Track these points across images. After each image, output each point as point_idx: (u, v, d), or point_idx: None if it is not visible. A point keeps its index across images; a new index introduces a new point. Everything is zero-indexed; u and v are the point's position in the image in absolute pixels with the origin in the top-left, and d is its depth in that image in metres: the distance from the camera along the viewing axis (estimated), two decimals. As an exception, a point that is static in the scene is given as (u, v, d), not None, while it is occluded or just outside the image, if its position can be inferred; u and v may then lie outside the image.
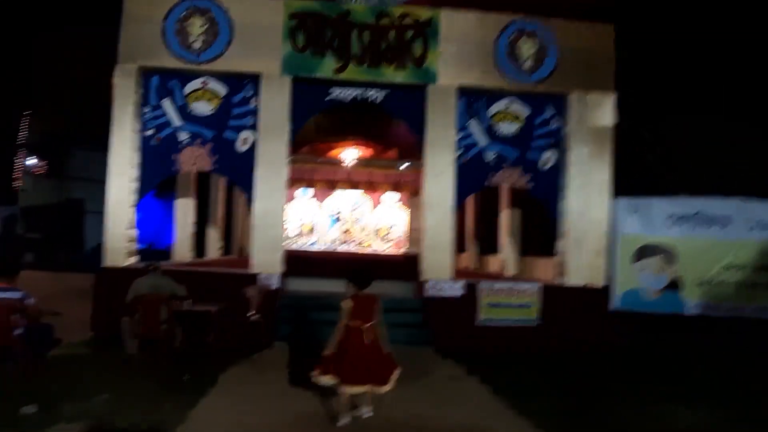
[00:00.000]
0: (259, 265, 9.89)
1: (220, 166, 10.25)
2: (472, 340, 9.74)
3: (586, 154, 10.33)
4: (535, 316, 10.05)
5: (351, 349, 5.79)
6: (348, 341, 5.80)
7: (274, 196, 10.01)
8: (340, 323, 5.81)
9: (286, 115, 10.10)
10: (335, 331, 5.85)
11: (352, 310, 5.79)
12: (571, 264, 10.25)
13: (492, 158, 10.50)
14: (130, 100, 9.94)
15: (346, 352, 5.77)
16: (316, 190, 19.43)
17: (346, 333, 5.80)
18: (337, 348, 5.79)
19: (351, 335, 5.80)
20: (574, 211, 10.29)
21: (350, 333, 5.81)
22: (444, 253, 10.16)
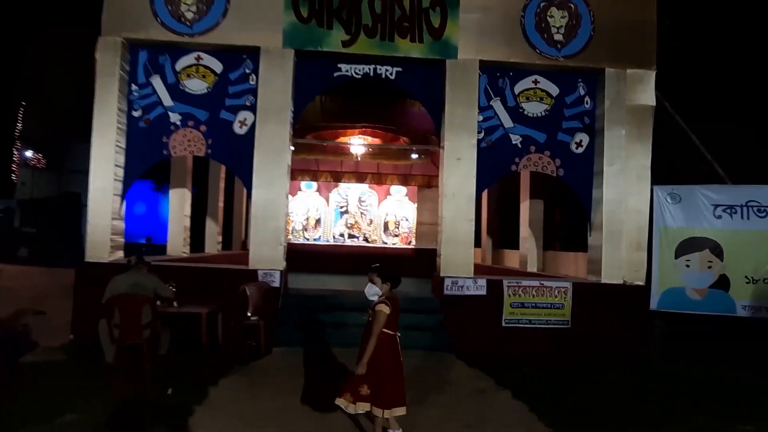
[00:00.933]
0: (258, 260, 8.68)
1: (215, 151, 9.03)
2: (496, 344, 8.52)
3: (624, 137, 9.06)
4: (567, 317, 8.83)
5: (388, 364, 4.65)
6: (384, 355, 4.63)
7: (275, 185, 8.78)
8: (374, 332, 4.59)
9: (289, 93, 8.86)
10: (365, 342, 4.65)
11: (390, 317, 4.63)
12: (606, 259, 8.99)
13: (517, 141, 9.24)
14: (115, 78, 8.71)
15: (383, 368, 4.62)
16: (321, 183, 18.29)
17: (382, 344, 4.61)
18: (373, 365, 4.59)
19: (387, 346, 4.65)
20: (610, 201, 9.02)
21: (386, 344, 4.64)
22: (464, 247, 8.91)
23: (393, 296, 4.75)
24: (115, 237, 8.82)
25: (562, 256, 11.33)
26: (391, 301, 4.68)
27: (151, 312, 6.57)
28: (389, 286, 4.75)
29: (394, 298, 4.73)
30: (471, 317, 8.65)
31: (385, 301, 4.66)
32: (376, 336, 4.58)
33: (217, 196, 13.67)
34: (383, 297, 4.71)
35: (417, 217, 18.51)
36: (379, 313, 4.61)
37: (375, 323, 4.61)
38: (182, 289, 7.57)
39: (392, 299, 4.70)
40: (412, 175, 17.97)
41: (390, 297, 4.72)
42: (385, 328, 4.63)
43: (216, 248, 13.64)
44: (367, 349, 4.56)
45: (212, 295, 8.05)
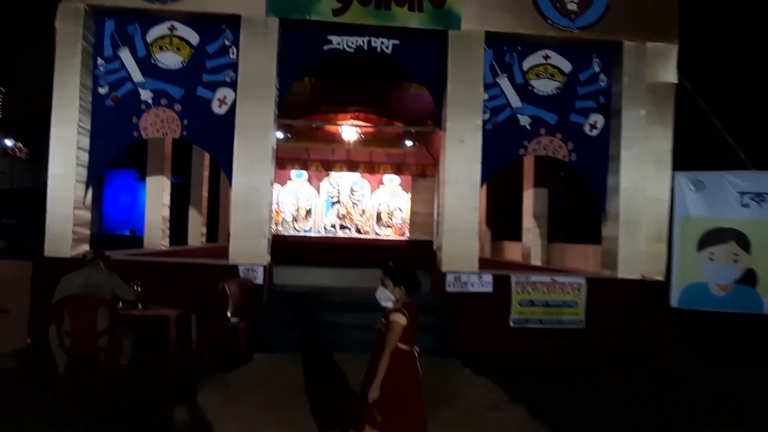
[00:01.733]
0: (239, 254, 7.58)
1: (191, 132, 7.88)
2: (504, 347, 7.50)
3: (643, 118, 8.02)
4: (581, 316, 7.81)
5: (405, 386, 3.63)
6: (400, 375, 3.58)
7: (257, 169, 7.66)
8: (387, 347, 3.54)
9: (273, 68, 7.73)
10: (376, 358, 3.58)
11: (408, 328, 3.59)
12: (623, 252, 7.97)
13: (526, 123, 8.18)
14: (77, 50, 7.55)
15: (399, 392, 3.59)
16: (312, 172, 17.18)
17: (397, 362, 3.56)
18: (386, 388, 3.54)
19: (403, 365, 3.60)
20: (628, 188, 7.99)
21: (402, 361, 3.59)
22: (468, 239, 7.86)
23: (410, 303, 3.68)
24: (78, 229, 7.68)
25: (569, 249, 10.33)
26: (408, 309, 3.62)
27: (109, 316, 5.46)
28: (403, 291, 3.70)
29: (412, 306, 3.67)
30: (476, 317, 7.61)
31: (401, 310, 3.59)
32: (390, 352, 3.53)
33: (201, 185, 12.54)
34: (398, 304, 3.66)
35: (411, 208, 17.48)
36: (395, 324, 3.55)
37: (389, 337, 3.54)
38: (153, 287, 6.46)
39: (409, 307, 3.64)
40: (406, 163, 16.92)
41: (406, 304, 3.65)
42: (400, 342, 3.58)
43: (200, 241, 12.54)
44: (380, 369, 3.49)
45: (187, 294, 6.97)
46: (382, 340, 3.59)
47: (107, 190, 23.97)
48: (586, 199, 9.49)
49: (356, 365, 6.60)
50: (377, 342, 3.68)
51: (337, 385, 5.92)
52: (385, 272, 3.78)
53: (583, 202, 9.72)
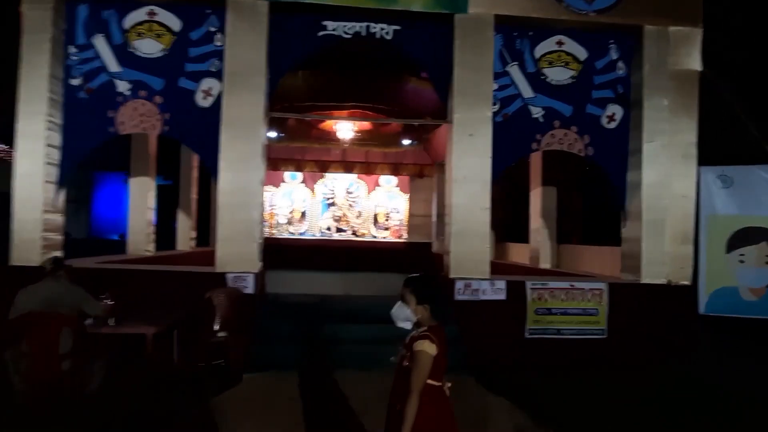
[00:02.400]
0: (226, 261, 6.73)
1: (173, 127, 7.03)
2: (518, 360, 6.72)
3: (666, 108, 7.25)
4: (603, 325, 7.02)
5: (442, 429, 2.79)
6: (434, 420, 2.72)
7: (246, 167, 6.83)
8: (414, 386, 2.67)
9: (263, 56, 6.90)
10: (399, 398, 2.73)
11: (437, 360, 2.73)
12: (647, 255, 7.18)
13: (539, 114, 7.39)
14: (46, 36, 6.71)
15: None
16: (306, 173, 16.33)
17: (427, 403, 2.69)
18: None
19: (432, 404, 2.72)
20: (651, 185, 7.21)
21: (431, 399, 2.71)
22: (479, 242, 7.04)
23: (437, 326, 2.82)
24: (49, 234, 6.82)
25: (582, 251, 9.54)
26: (436, 334, 2.76)
27: (73, 336, 4.62)
28: (428, 311, 2.85)
29: (440, 330, 2.81)
30: (488, 328, 6.80)
31: (429, 337, 2.72)
32: (418, 391, 2.66)
33: (189, 186, 11.66)
34: (424, 329, 2.79)
35: (409, 209, 16.65)
36: (422, 355, 2.67)
37: (416, 372, 2.67)
38: (129, 299, 5.64)
39: (437, 331, 2.78)
40: (404, 164, 16.08)
41: (434, 328, 2.80)
42: (429, 377, 2.72)
43: (190, 245, 11.66)
44: (407, 418, 2.62)
45: (168, 307, 6.14)
46: (405, 377, 2.72)
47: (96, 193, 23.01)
48: (599, 197, 8.73)
49: (358, 384, 5.82)
50: (398, 378, 2.81)
51: (339, 408, 5.10)
52: (407, 284, 2.94)
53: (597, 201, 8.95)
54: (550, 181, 9.97)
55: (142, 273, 6.80)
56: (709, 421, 5.14)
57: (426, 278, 2.97)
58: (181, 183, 11.68)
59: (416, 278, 2.96)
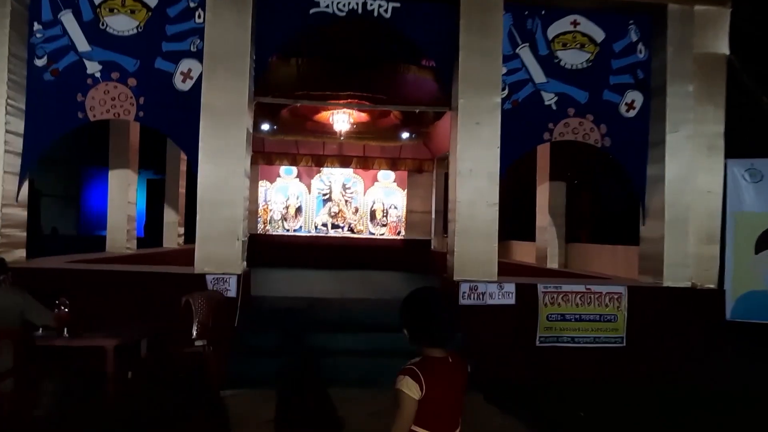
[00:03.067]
0: (206, 261, 5.94)
1: (149, 113, 6.24)
2: (529, 371, 5.98)
3: (691, 95, 6.50)
4: (621, 332, 6.28)
5: None
6: None
7: (229, 158, 6.04)
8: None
9: (248, 35, 6.10)
10: None
11: (426, 403, 1.99)
12: (669, 255, 6.43)
13: (552, 101, 6.62)
14: (6, 11, 5.92)
15: None
16: (302, 168, 15.55)
17: None
18: None
19: None
20: (675, 179, 6.46)
21: None
22: (486, 241, 6.27)
23: (433, 358, 2.08)
24: (10, 231, 6.03)
25: (593, 251, 8.79)
26: (427, 368, 2.02)
27: (13, 351, 3.85)
28: (431, 343, 2.10)
29: (437, 363, 2.07)
30: (496, 336, 6.05)
31: (409, 371, 2.00)
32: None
33: (177, 180, 10.87)
34: (414, 361, 2.06)
35: (407, 205, 15.89)
36: (398, 395, 1.98)
37: (395, 417, 1.98)
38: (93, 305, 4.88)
39: (430, 365, 2.04)
40: (402, 158, 15.33)
41: (429, 360, 2.06)
42: (417, 425, 1.98)
43: (177, 242, 10.87)
44: None
45: (139, 313, 5.39)
46: None
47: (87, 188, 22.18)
48: (611, 193, 7.98)
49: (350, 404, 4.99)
50: None
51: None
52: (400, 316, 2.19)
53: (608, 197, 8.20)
54: (559, 175, 9.20)
55: (111, 274, 6.01)
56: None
57: (413, 295, 2.18)
58: (168, 176, 10.90)
59: (404, 309, 2.18)
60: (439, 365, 2.03)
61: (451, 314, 2.18)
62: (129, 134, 8.58)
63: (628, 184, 7.07)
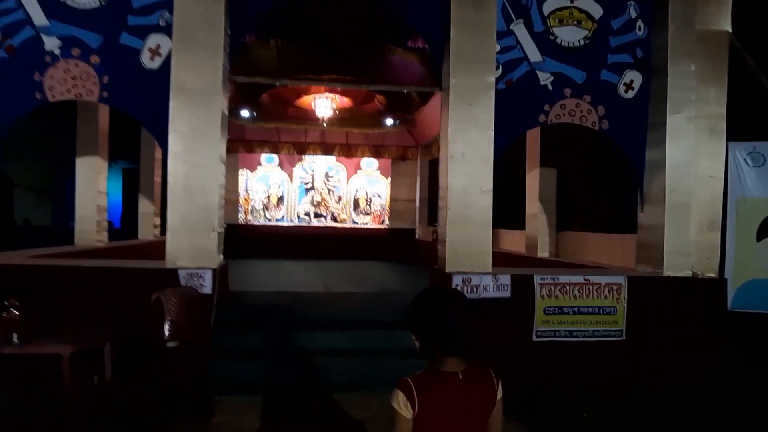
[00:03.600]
0: (178, 255, 5.40)
1: (114, 93, 5.64)
2: (526, 368, 5.53)
3: (693, 75, 6.08)
4: (621, 325, 5.89)
5: None
6: None
7: (202, 142, 5.48)
8: None
9: (221, 7, 5.53)
10: None
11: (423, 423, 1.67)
12: (670, 244, 6.05)
13: (547, 81, 6.15)
14: (-49, -21, 5.28)
15: None
16: (283, 156, 14.96)
17: None
18: None
19: None
20: (676, 163, 6.05)
21: None
22: (480, 230, 5.80)
23: (451, 374, 1.72)
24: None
25: (585, 239, 8.40)
26: (424, 382, 1.71)
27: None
28: (441, 353, 1.73)
29: (442, 377, 1.72)
30: (490, 331, 5.60)
31: (403, 384, 1.70)
32: None
33: (152, 169, 10.23)
34: (416, 372, 1.73)
35: (391, 194, 15.43)
36: (392, 411, 1.71)
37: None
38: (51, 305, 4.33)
39: (428, 379, 1.72)
40: (386, 146, 14.83)
41: (432, 373, 1.73)
42: None
43: (153, 234, 10.26)
44: None
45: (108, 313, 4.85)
46: None
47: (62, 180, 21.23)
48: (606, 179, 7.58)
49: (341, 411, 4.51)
50: None
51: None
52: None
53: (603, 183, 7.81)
54: (549, 160, 8.78)
55: (72, 270, 5.42)
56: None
57: (421, 296, 1.81)
58: (143, 164, 10.26)
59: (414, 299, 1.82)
60: (445, 380, 1.69)
61: (465, 317, 1.75)
62: (98, 118, 7.94)
63: (623, 169, 6.67)
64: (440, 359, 1.69)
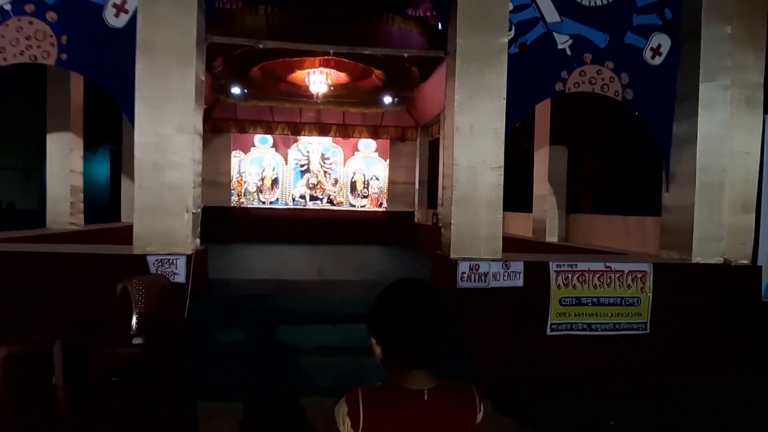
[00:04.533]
0: (146, 239, 4.68)
1: (73, 55, 4.87)
2: (539, 365, 4.89)
3: (728, 39, 5.32)
4: (645, 317, 5.20)
5: None
6: None
7: (175, 111, 4.72)
8: None
9: (197, -44, 4.76)
10: None
11: None
12: (700, 227, 5.33)
13: (566, 45, 5.40)
14: None
15: None
16: (278, 136, 14.17)
17: None
18: None
19: None
20: (708, 137, 5.32)
21: None
22: (489, 212, 5.08)
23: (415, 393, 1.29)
24: None
25: (599, 222, 7.67)
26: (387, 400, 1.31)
27: None
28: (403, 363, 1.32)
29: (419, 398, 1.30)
30: (500, 325, 4.92)
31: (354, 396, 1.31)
32: None
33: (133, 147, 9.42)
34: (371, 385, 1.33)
35: (389, 176, 14.69)
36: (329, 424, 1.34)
37: None
38: (5, 298, 3.62)
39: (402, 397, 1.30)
40: (383, 126, 14.06)
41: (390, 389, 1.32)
42: None
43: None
44: None
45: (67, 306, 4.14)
46: None
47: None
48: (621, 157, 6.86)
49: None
50: None
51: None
52: None
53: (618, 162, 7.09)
54: (560, 137, 8.02)
55: (26, 257, 4.68)
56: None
57: (387, 291, 1.39)
58: (124, 144, 9.49)
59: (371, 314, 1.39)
60: (404, 399, 1.31)
61: (443, 322, 1.30)
62: (70, 89, 7.16)
63: (641, 145, 5.95)
64: (402, 372, 1.32)
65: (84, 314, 4.23)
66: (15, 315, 3.97)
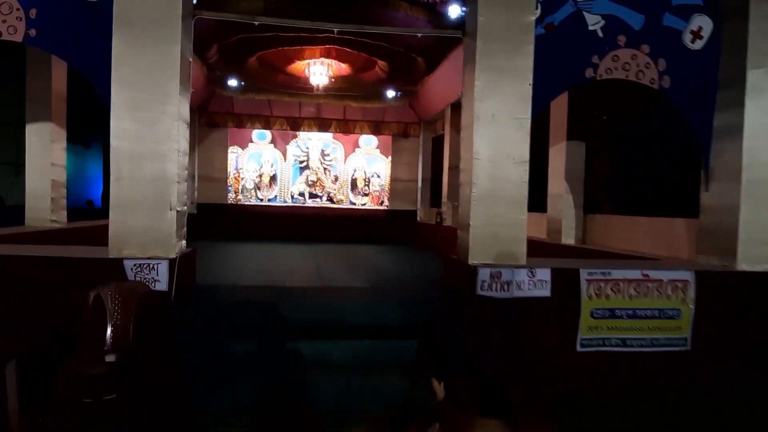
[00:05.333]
0: (123, 240, 4.05)
1: (42, 32, 4.24)
2: (570, 386, 4.27)
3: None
4: (686, 332, 4.59)
5: None
6: None
7: (156, 94, 4.09)
8: None
9: None
10: None
11: None
12: (745, 231, 4.73)
13: (597, 26, 4.78)
14: None
15: None
16: (276, 132, 13.54)
17: None
18: None
19: None
20: (755, 130, 4.72)
21: None
22: (513, 212, 4.48)
23: None
24: None
25: (618, 224, 7.05)
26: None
27: None
28: None
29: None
30: (525, 340, 4.31)
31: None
32: None
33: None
34: None
35: (391, 173, 14.05)
36: None
37: None
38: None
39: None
40: (385, 122, 13.44)
41: None
42: None
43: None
44: None
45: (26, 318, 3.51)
46: None
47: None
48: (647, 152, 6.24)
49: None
50: None
51: None
52: None
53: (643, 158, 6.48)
54: (578, 134, 7.38)
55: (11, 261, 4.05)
56: None
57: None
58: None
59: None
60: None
61: None
62: (51, 75, 6.51)
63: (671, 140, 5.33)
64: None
65: (52, 327, 3.61)
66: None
